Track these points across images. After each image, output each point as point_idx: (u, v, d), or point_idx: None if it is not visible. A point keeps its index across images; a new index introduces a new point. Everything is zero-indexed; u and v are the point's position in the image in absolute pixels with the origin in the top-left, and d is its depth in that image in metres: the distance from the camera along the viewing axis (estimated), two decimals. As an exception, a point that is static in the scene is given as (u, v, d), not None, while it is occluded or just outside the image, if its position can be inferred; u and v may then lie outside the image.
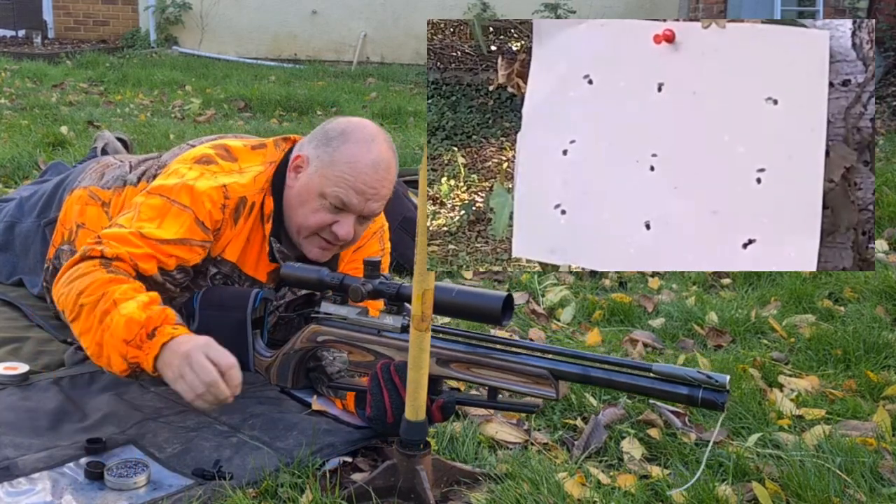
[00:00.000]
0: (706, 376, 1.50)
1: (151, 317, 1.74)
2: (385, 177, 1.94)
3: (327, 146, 1.94)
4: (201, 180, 1.94)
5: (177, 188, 1.92)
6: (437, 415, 1.70)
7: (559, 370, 1.62)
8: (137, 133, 5.13)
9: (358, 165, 1.91)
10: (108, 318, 1.74)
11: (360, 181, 1.91)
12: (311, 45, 9.35)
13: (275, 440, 1.81)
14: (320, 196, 1.93)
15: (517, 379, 1.64)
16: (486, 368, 1.66)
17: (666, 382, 1.54)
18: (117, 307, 1.74)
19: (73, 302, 1.79)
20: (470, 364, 1.67)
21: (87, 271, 1.81)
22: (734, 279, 3.03)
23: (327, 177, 1.92)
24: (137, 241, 1.86)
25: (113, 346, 1.74)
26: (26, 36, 9.98)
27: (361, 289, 1.74)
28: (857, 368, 2.26)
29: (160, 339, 1.72)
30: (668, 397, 1.56)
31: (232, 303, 1.92)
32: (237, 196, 1.95)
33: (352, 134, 1.94)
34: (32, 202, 2.55)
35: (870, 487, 1.69)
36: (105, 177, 2.29)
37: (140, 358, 1.73)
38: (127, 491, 1.62)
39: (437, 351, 1.68)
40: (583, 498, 1.65)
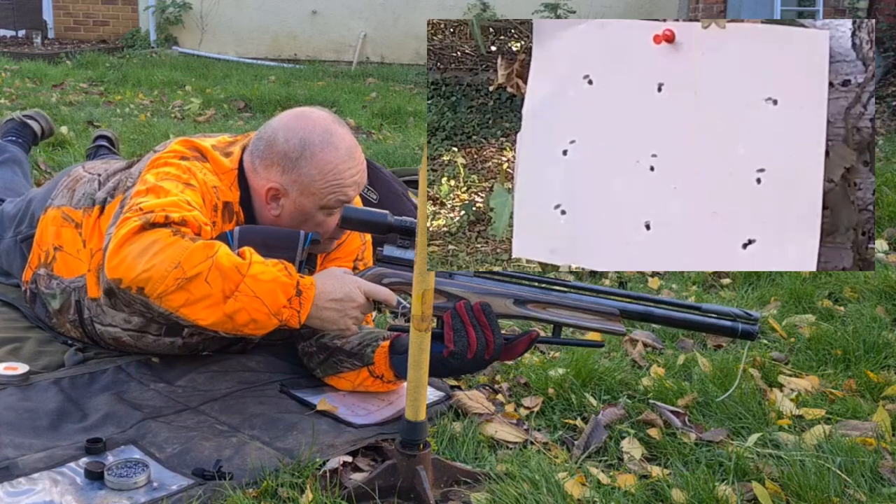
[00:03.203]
0: (744, 313, 1.83)
1: (290, 273, 1.78)
2: (359, 156, 1.97)
3: (297, 168, 1.92)
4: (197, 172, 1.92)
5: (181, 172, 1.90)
6: (521, 348, 1.84)
7: (627, 308, 1.84)
8: (137, 133, 5.14)
9: (339, 167, 1.92)
10: (243, 288, 1.72)
11: (348, 176, 1.93)
12: (311, 45, 9.35)
13: (275, 440, 1.81)
14: (321, 209, 1.95)
15: (590, 316, 1.83)
16: (560, 307, 1.84)
17: (712, 317, 1.83)
18: (248, 274, 1.73)
19: (170, 276, 1.69)
20: (546, 304, 1.84)
21: (168, 241, 1.71)
22: (734, 279, 3.03)
23: (316, 193, 1.93)
24: (189, 207, 1.83)
25: (263, 313, 1.75)
26: (26, 36, 9.98)
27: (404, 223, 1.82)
28: (857, 368, 2.26)
29: (308, 293, 1.79)
30: (713, 330, 1.84)
31: (278, 243, 1.88)
32: (224, 200, 1.95)
33: (311, 144, 1.92)
34: (10, 215, 2.52)
35: (870, 487, 1.69)
36: (76, 194, 2.22)
37: (292, 316, 1.78)
38: (127, 491, 1.63)
39: (516, 293, 1.83)
40: (583, 498, 1.65)
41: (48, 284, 2.20)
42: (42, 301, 2.24)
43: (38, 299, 2.26)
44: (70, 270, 2.15)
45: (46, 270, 2.20)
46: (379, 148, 4.96)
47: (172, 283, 1.70)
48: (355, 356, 1.99)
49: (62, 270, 2.17)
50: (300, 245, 1.88)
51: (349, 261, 2.13)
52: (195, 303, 1.72)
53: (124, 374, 2.08)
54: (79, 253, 2.14)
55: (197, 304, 1.72)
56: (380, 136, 5.55)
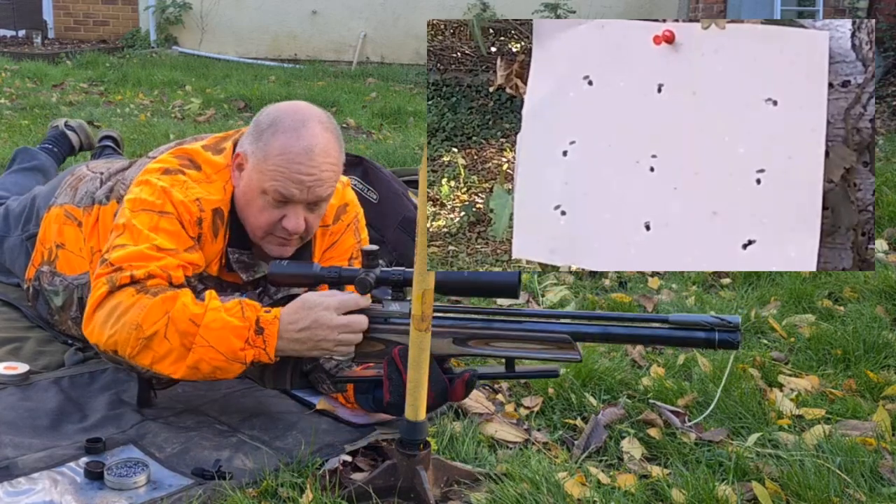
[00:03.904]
0: (720, 319, 1.59)
1: (245, 312, 1.75)
2: (323, 160, 1.86)
3: (260, 139, 1.89)
4: (175, 190, 1.89)
5: (159, 199, 1.88)
6: (461, 391, 1.70)
7: (580, 332, 1.66)
8: (137, 133, 5.14)
9: (290, 155, 1.84)
10: (198, 339, 1.73)
11: (295, 171, 1.84)
12: (311, 45, 9.34)
13: (275, 440, 1.81)
14: (262, 193, 1.88)
15: (539, 346, 1.67)
16: (505, 340, 1.68)
17: (683, 330, 1.62)
18: (202, 324, 1.73)
19: (132, 338, 1.74)
20: (489, 339, 1.69)
21: (129, 302, 1.76)
22: (734, 279, 3.03)
23: (264, 172, 1.86)
24: (158, 254, 1.82)
25: (221, 359, 1.74)
26: (26, 36, 9.98)
27: (367, 279, 1.71)
28: (857, 368, 2.26)
29: (271, 329, 1.74)
30: (687, 343, 1.64)
31: None
32: (210, 209, 1.91)
33: (281, 122, 1.87)
34: (16, 214, 2.52)
35: (870, 487, 1.69)
36: (78, 192, 2.23)
37: (259, 354, 1.75)
38: (127, 491, 1.63)
39: (454, 330, 1.69)
40: (583, 498, 1.65)
41: (51, 281, 2.20)
42: (45, 298, 2.24)
43: (41, 296, 2.26)
44: (73, 268, 2.16)
45: (49, 268, 2.20)
46: (379, 148, 4.96)
47: (136, 344, 1.75)
48: (332, 378, 1.98)
49: (65, 268, 2.18)
50: None
51: (343, 260, 2.10)
52: (162, 360, 1.75)
53: (124, 373, 2.08)
54: (81, 251, 2.14)
55: (164, 361, 1.75)
56: (380, 136, 5.55)
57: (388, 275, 1.72)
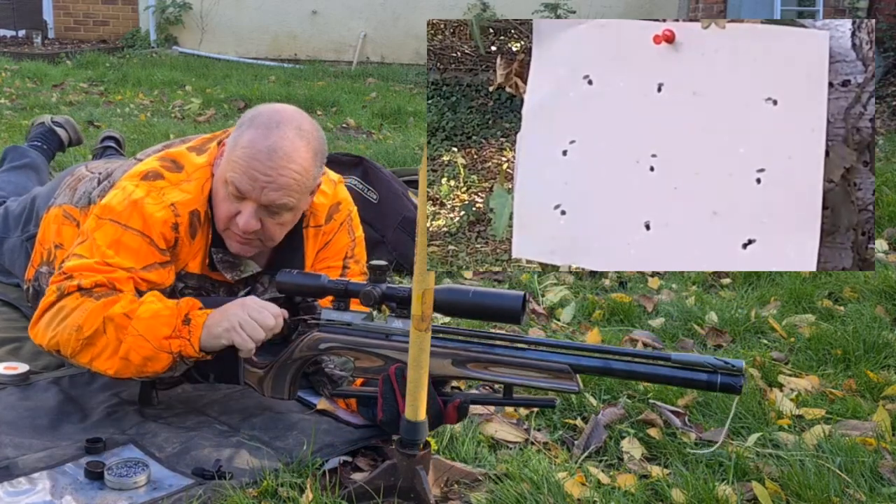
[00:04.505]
0: (723, 362, 1.56)
1: (179, 305, 1.78)
2: (284, 164, 1.82)
3: (237, 131, 1.89)
4: (149, 200, 1.89)
5: (126, 211, 1.88)
6: (453, 415, 1.69)
7: (580, 364, 1.65)
8: (137, 133, 5.14)
9: (251, 150, 1.83)
10: (130, 330, 1.75)
11: (252, 167, 1.82)
12: (311, 45, 9.34)
13: (275, 440, 1.81)
14: (225, 183, 1.87)
15: (537, 375, 1.65)
16: (504, 366, 1.67)
17: (685, 370, 1.59)
18: (134, 316, 1.76)
19: (73, 339, 1.79)
20: (488, 363, 1.68)
21: (73, 306, 1.80)
22: (734, 279, 3.03)
23: (229, 162, 1.86)
24: (106, 268, 1.84)
25: (149, 348, 1.76)
26: (26, 36, 9.98)
27: (374, 292, 1.71)
28: (857, 368, 2.26)
29: (198, 320, 1.77)
30: (688, 384, 1.61)
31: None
32: (187, 211, 1.90)
33: (257, 118, 1.87)
34: (16, 215, 2.52)
35: (870, 487, 1.69)
36: (77, 193, 2.23)
37: (184, 345, 1.76)
38: (127, 491, 1.63)
39: (454, 352, 1.69)
40: (583, 498, 1.65)
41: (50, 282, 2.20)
42: None
43: (41, 297, 2.26)
44: None
45: (48, 268, 2.20)
46: (379, 148, 4.96)
47: (76, 345, 1.80)
48: (333, 381, 1.98)
49: None
50: None
51: (338, 259, 2.09)
52: (99, 356, 1.79)
53: (124, 373, 2.08)
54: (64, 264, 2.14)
55: (100, 357, 1.79)
56: (380, 136, 5.55)
57: (395, 291, 1.72)
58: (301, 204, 1.92)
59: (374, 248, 3.02)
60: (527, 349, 1.69)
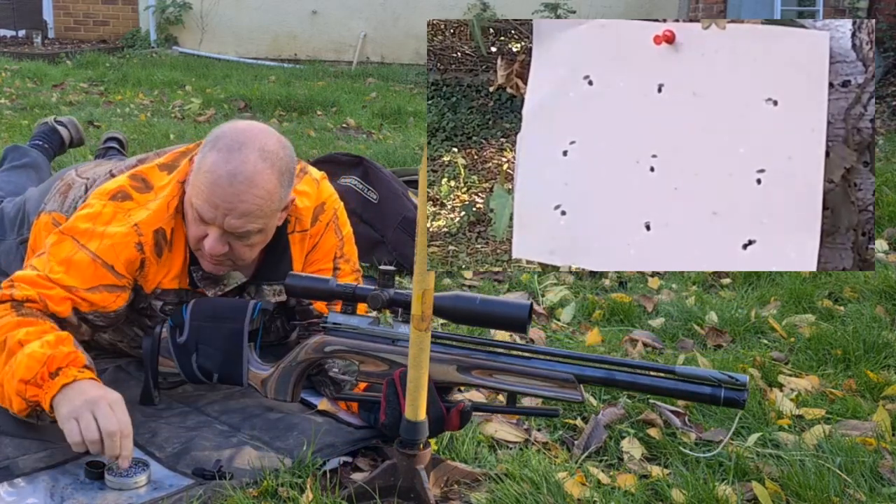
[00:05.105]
0: (728, 376, 1.58)
1: (55, 356, 1.71)
2: (246, 190, 1.78)
3: (201, 152, 1.85)
4: (114, 223, 1.88)
5: (87, 232, 1.87)
6: (456, 421, 1.70)
7: (584, 374, 1.66)
8: (137, 133, 5.14)
9: (212, 176, 1.78)
10: (12, 360, 1.72)
11: (213, 193, 1.78)
12: (311, 45, 9.34)
13: (275, 440, 1.81)
14: (190, 205, 1.85)
15: (541, 384, 1.67)
16: (509, 374, 1.68)
17: (690, 383, 1.61)
18: (22, 348, 1.72)
19: None
20: (493, 370, 1.69)
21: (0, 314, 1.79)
22: (734, 279, 3.03)
23: (192, 185, 1.84)
24: (47, 283, 1.83)
25: (12, 385, 1.71)
26: (26, 36, 9.98)
27: (382, 296, 1.70)
28: (857, 368, 2.26)
29: (62, 380, 1.68)
30: (691, 398, 1.63)
31: (227, 313, 1.87)
32: (151, 230, 1.88)
33: (220, 140, 1.82)
34: (10, 217, 2.52)
35: (870, 487, 1.69)
36: (67, 200, 2.22)
37: (39, 396, 1.69)
38: (127, 491, 1.63)
39: (459, 358, 1.70)
40: (583, 498, 1.65)
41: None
42: None
43: None
44: None
45: None
46: (379, 148, 4.96)
47: None
48: (336, 384, 1.98)
49: None
50: (247, 315, 1.86)
51: (328, 261, 2.08)
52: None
53: (124, 373, 2.08)
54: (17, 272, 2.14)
55: None
56: (380, 136, 5.55)
57: (401, 296, 1.71)
58: (270, 225, 1.88)
59: (374, 248, 3.02)
60: (531, 358, 1.70)
